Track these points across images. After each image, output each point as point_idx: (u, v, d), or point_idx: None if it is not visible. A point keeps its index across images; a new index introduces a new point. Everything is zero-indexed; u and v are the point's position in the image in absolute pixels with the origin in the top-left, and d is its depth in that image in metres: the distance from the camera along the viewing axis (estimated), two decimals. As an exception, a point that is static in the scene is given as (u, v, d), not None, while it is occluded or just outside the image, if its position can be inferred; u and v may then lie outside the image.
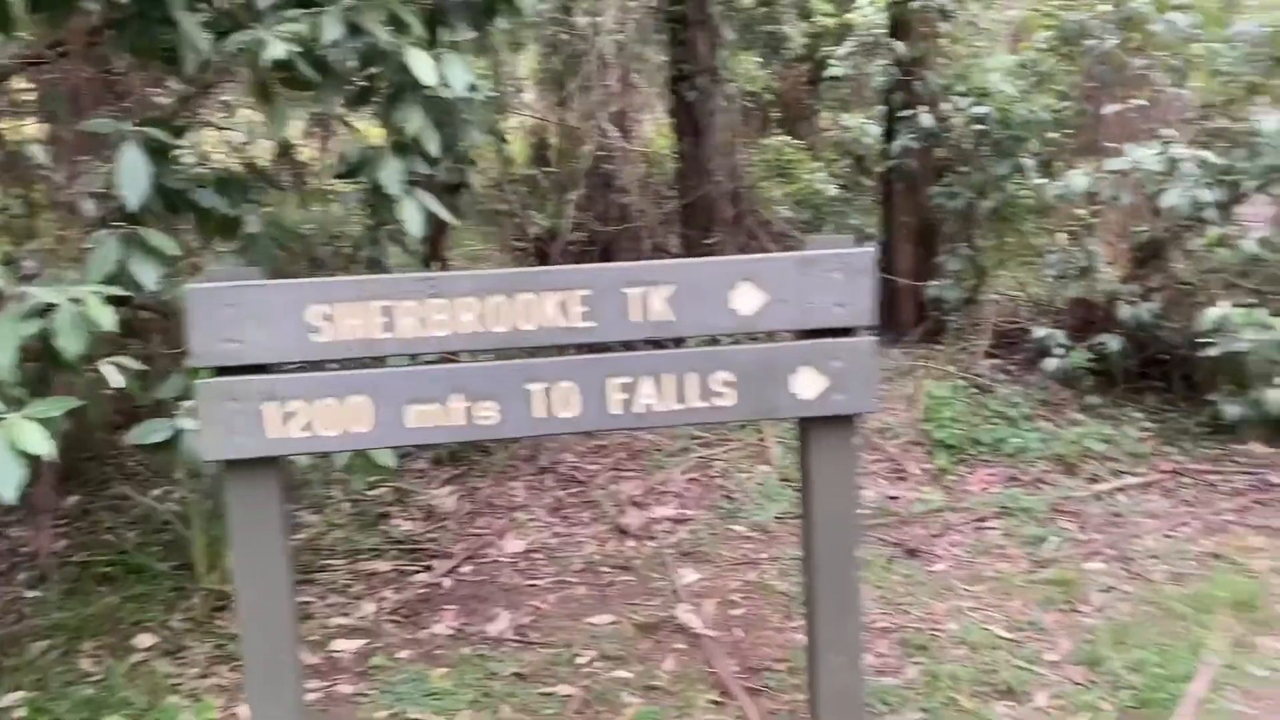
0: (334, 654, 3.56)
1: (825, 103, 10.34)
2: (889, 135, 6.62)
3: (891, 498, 4.80)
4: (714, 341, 2.35)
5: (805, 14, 9.86)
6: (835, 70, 7.61)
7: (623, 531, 4.52)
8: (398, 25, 2.74)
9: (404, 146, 2.87)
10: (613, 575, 4.13)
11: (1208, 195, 4.98)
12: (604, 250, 6.93)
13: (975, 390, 5.69)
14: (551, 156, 8.26)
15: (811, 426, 2.27)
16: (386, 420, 2.13)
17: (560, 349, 2.28)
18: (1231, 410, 4.95)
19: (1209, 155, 5.02)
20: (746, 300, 2.18)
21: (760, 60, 9.11)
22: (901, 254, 6.75)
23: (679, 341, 2.30)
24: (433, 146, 2.81)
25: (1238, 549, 4.10)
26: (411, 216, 2.83)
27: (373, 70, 2.91)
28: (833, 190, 7.92)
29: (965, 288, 6.70)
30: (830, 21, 9.50)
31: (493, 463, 5.17)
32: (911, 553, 4.26)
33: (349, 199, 4.56)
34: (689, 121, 6.17)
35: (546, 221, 6.36)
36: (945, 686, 3.22)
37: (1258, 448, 5.18)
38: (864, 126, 7.76)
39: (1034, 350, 5.90)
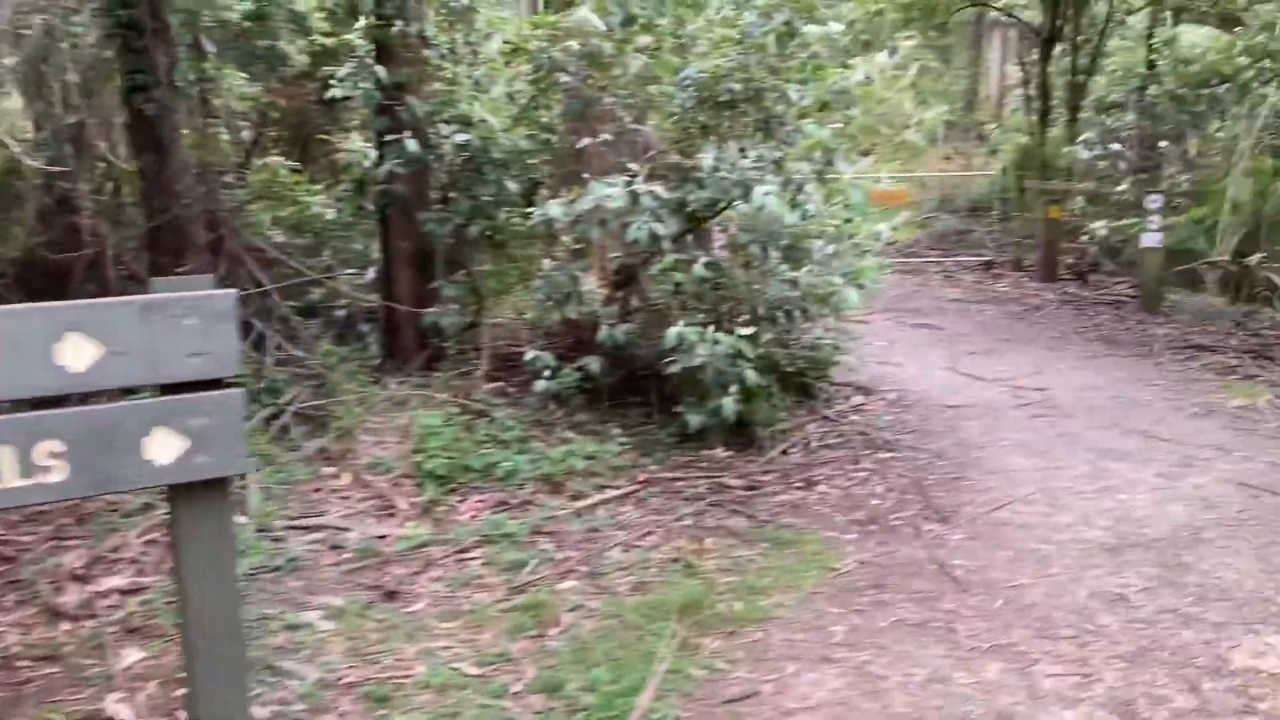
0: None
1: (333, 123, 9.99)
2: (381, 160, 6.47)
3: (379, 537, 4.60)
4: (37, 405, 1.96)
5: (305, 31, 9.44)
6: (335, 91, 7.30)
7: (56, 613, 3.86)
8: None
9: None
10: (34, 668, 3.49)
11: (661, 227, 5.40)
12: (61, 280, 6.03)
13: (472, 416, 5.68)
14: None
15: (176, 495, 1.98)
16: None
17: None
18: (694, 419, 5.41)
19: (661, 190, 5.43)
20: (77, 354, 1.84)
21: (249, 76, 8.53)
22: (401, 280, 6.61)
23: None
24: None
25: (692, 552, 4.43)
26: None
27: None
28: (332, 214, 7.61)
29: (466, 313, 6.74)
30: (330, 40, 9.18)
31: (-118, 547, 4.21)
32: (390, 595, 4.09)
33: None
34: (149, 138, 5.54)
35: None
36: (404, 740, 3.08)
37: (720, 452, 5.72)
38: (365, 150, 7.54)
39: (532, 373, 6.05)
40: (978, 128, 23.48)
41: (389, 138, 6.16)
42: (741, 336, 5.06)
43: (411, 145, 5.98)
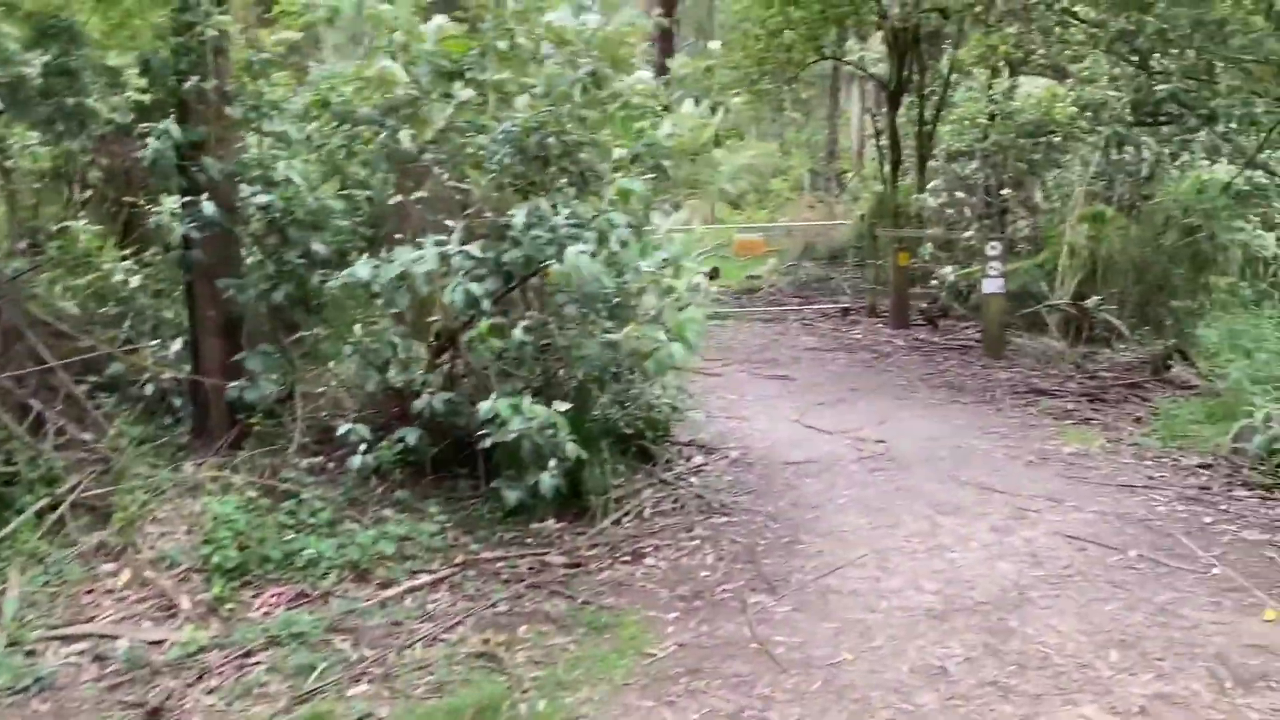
0: None
1: (162, 185, 9.41)
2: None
3: (153, 643, 4.12)
4: None
5: (121, 86, 8.89)
6: (148, 151, 6.80)
7: None
8: None
9: None
10: None
11: (478, 287, 5.10)
12: None
13: (277, 498, 5.24)
14: None
15: None
16: None
17: None
18: (511, 495, 5.08)
19: (475, 249, 5.14)
20: None
21: (56, 135, 7.92)
22: (208, 352, 6.11)
23: None
24: None
25: (502, 643, 4.09)
26: None
27: None
28: (137, 281, 7.05)
29: (279, 384, 6.29)
30: (147, 97, 8.66)
31: None
32: (154, 713, 3.63)
33: None
34: (-98, 204, 5.01)
35: None
36: None
37: (551, 524, 5.41)
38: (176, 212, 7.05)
39: (350, 448, 5.63)
40: (839, 177, 24.04)
41: (186, 200, 5.74)
42: (559, 411, 4.76)
43: (208, 208, 5.57)
